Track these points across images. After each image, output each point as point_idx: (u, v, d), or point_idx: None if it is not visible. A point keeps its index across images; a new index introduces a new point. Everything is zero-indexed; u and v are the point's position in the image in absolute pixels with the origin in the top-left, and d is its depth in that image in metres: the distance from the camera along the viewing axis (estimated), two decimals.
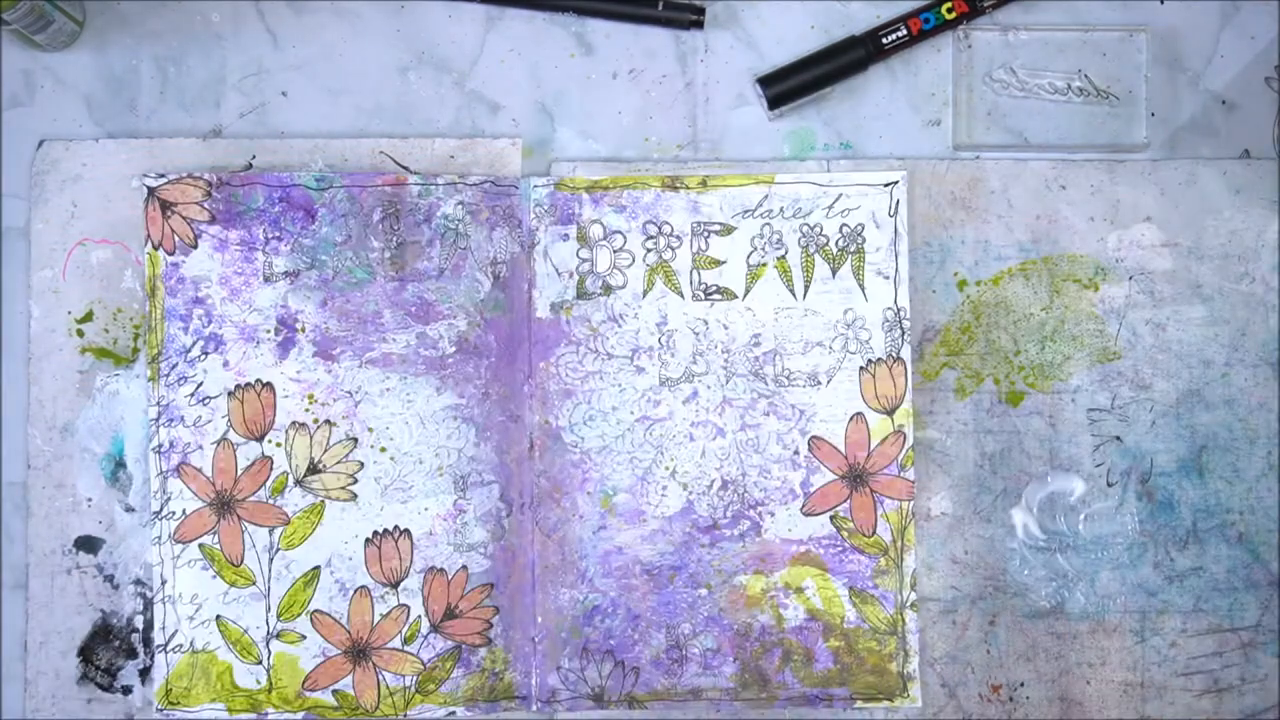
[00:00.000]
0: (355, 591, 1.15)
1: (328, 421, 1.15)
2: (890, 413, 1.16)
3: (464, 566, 1.15)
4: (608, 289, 1.17)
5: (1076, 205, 1.19)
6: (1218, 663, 1.18)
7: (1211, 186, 1.20)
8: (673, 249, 1.17)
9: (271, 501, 1.14)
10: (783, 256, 1.17)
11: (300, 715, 1.14)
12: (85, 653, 1.16)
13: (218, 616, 1.14)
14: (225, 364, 1.15)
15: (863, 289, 1.17)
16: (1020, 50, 1.20)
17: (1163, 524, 1.18)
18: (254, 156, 1.17)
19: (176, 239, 1.15)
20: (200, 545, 1.14)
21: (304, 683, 1.14)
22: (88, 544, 1.16)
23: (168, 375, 1.14)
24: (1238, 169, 1.20)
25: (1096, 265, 1.19)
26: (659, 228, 1.17)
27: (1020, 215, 1.19)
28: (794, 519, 1.16)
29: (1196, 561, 1.18)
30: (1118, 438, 1.19)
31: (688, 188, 1.17)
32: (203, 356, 1.15)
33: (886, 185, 1.17)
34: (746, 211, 1.17)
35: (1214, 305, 1.19)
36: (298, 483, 1.15)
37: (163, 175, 1.15)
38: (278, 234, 1.15)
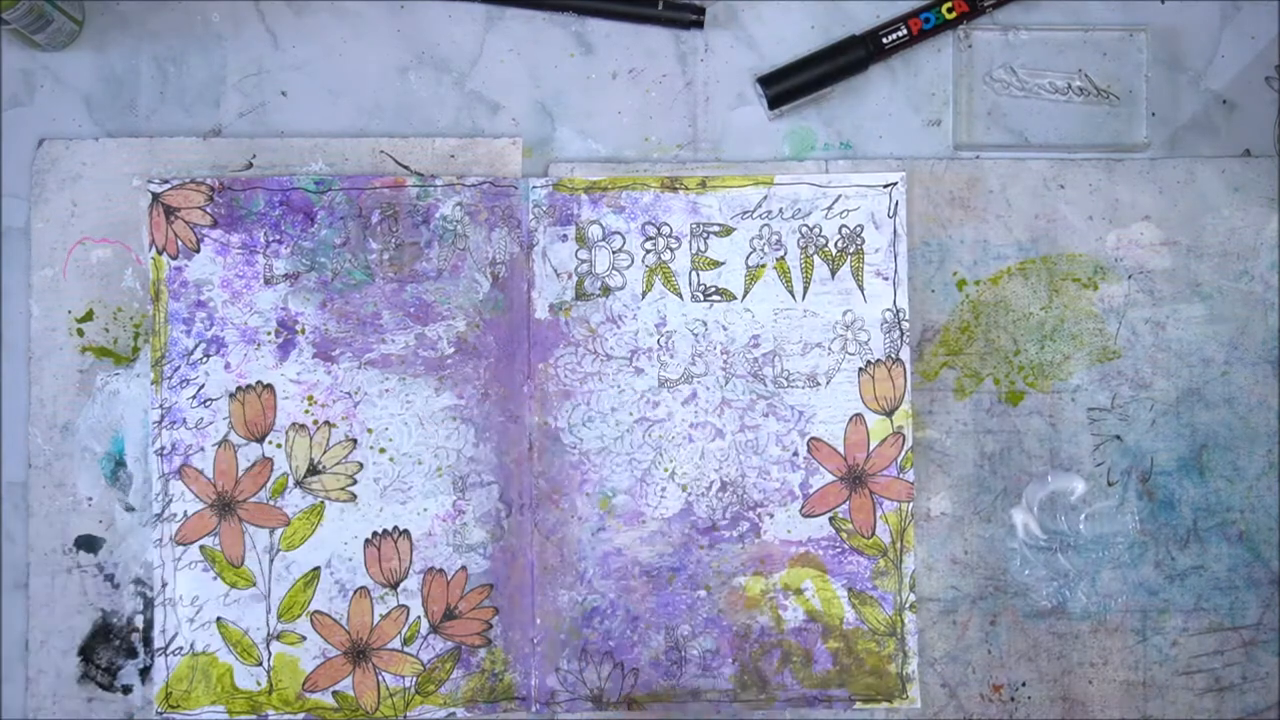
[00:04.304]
0: (355, 592, 1.15)
1: (327, 423, 1.15)
2: (889, 414, 1.16)
3: (463, 567, 1.15)
4: (607, 290, 1.17)
5: (1075, 204, 1.19)
6: (1219, 661, 1.18)
7: (1210, 185, 1.20)
8: (671, 250, 1.17)
9: (272, 503, 1.15)
10: (782, 257, 1.17)
11: (300, 717, 1.14)
12: (86, 652, 1.16)
13: (218, 618, 1.14)
14: (226, 366, 1.15)
15: (862, 290, 1.17)
16: (1020, 50, 1.20)
17: (1163, 523, 1.19)
18: (254, 156, 1.17)
19: (179, 243, 1.15)
20: (201, 547, 1.14)
21: (304, 684, 1.14)
22: (88, 543, 1.16)
23: (170, 378, 1.15)
24: (1236, 167, 1.20)
25: (1095, 264, 1.19)
26: (658, 228, 1.17)
27: (1019, 214, 1.19)
28: (793, 520, 1.16)
29: (1197, 560, 1.18)
30: (1118, 437, 1.19)
31: (686, 188, 1.17)
32: (204, 359, 1.15)
33: (885, 186, 1.17)
34: (745, 212, 1.17)
35: (1213, 303, 1.19)
36: (298, 484, 1.15)
37: (166, 180, 1.16)
38: (278, 237, 1.15)
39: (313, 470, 1.15)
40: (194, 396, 1.15)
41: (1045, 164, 1.20)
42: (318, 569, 1.15)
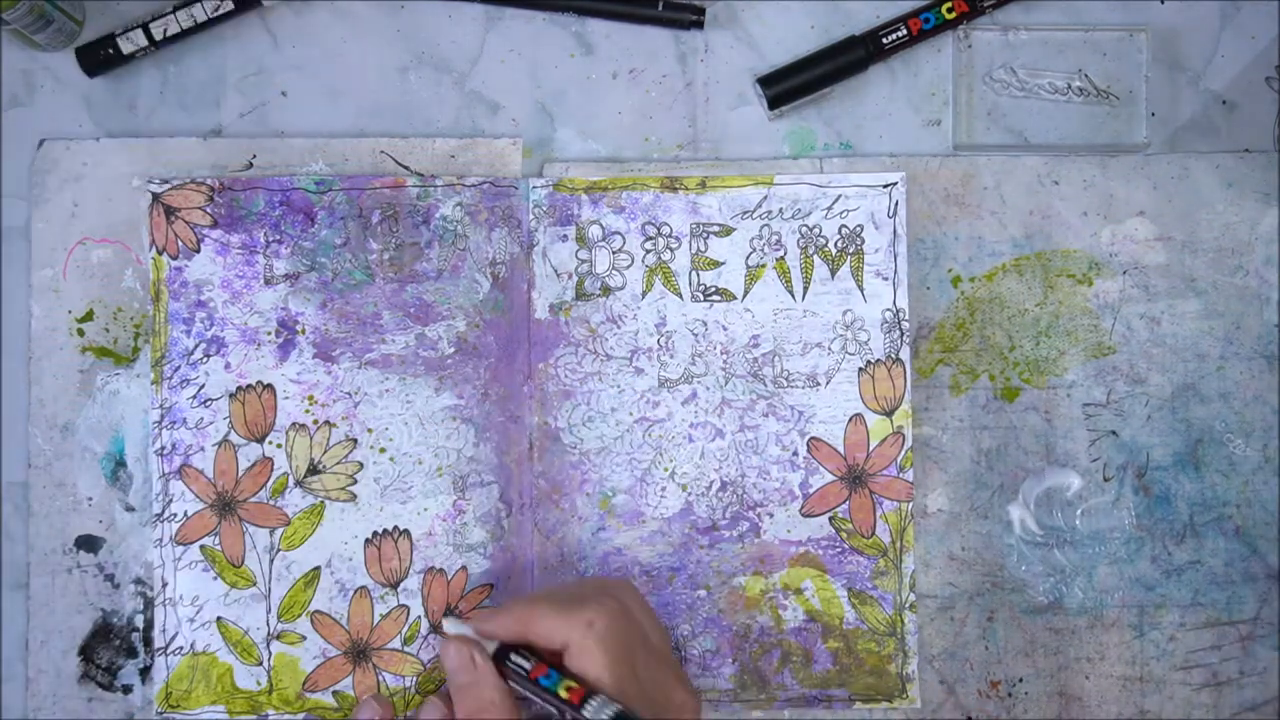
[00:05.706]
0: (355, 592, 1.15)
1: (327, 422, 1.15)
2: (889, 414, 1.16)
3: (463, 567, 1.15)
4: (607, 290, 1.17)
5: (1069, 200, 1.19)
6: (1216, 656, 1.18)
7: (1204, 180, 1.20)
8: (671, 250, 1.17)
9: (272, 502, 1.15)
10: (782, 257, 1.17)
11: (300, 716, 1.14)
12: (86, 652, 1.16)
13: (218, 618, 1.14)
14: (227, 366, 1.15)
15: (861, 290, 1.17)
16: (1020, 50, 1.20)
17: (1160, 518, 1.19)
18: (254, 156, 1.17)
19: (180, 243, 1.15)
20: (201, 547, 1.14)
21: (304, 684, 1.14)
22: (88, 543, 1.16)
23: (170, 378, 1.15)
24: (1230, 162, 1.20)
25: (1090, 260, 1.19)
26: (658, 228, 1.17)
27: (1013, 211, 1.19)
28: (793, 520, 1.16)
29: (1194, 555, 1.19)
30: (1113, 432, 1.19)
31: (686, 189, 1.17)
32: (204, 359, 1.15)
33: (885, 186, 1.17)
34: (745, 212, 1.17)
35: (1208, 299, 1.20)
36: (298, 484, 1.15)
37: (166, 181, 1.15)
38: (278, 237, 1.15)
39: (313, 470, 1.15)
40: (194, 396, 1.15)
41: (1039, 160, 1.20)
42: (318, 569, 1.15)
